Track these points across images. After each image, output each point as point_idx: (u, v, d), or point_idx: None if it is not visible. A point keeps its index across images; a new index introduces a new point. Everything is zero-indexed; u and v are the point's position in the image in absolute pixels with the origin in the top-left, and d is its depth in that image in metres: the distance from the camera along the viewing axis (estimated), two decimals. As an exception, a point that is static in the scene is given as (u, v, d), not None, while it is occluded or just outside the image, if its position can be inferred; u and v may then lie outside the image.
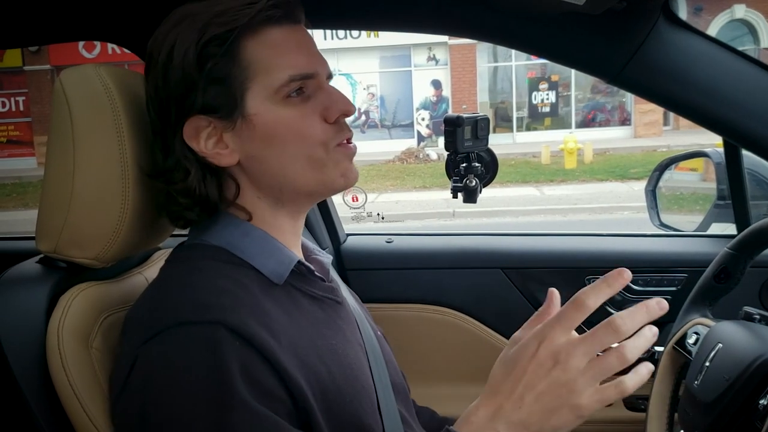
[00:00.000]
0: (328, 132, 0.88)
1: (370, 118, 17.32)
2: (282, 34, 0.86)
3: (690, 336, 1.27)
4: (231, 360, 0.73)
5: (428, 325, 1.79)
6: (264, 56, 0.85)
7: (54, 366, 0.85)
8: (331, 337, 0.88)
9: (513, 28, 1.21)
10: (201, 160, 0.87)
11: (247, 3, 0.84)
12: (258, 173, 0.89)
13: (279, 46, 0.86)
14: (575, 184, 11.02)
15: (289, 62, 0.85)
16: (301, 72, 0.86)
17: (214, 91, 0.84)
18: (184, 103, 0.85)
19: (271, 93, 0.85)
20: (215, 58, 0.83)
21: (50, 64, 15.77)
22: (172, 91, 0.85)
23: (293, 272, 0.89)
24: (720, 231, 1.88)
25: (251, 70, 0.84)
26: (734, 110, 1.12)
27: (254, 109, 0.85)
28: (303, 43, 0.88)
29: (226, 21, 0.83)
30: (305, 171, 0.88)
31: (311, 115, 0.87)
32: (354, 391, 0.85)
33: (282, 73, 0.85)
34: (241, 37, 0.84)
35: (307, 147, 0.87)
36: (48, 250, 0.94)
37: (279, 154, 0.87)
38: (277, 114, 0.85)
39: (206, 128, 0.86)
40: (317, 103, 0.88)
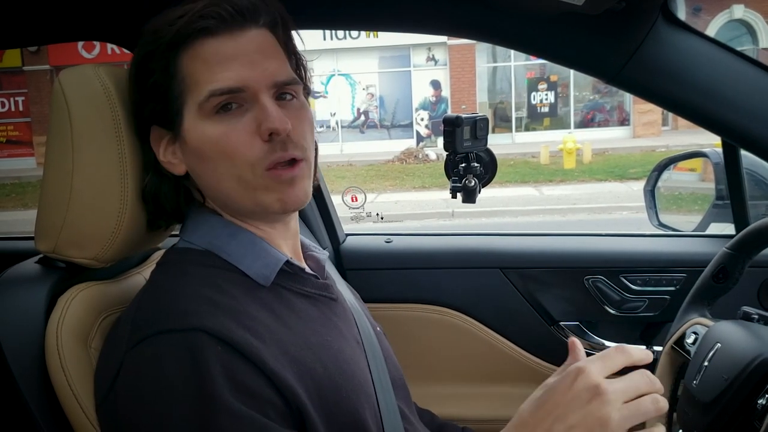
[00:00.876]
0: (258, 151, 0.83)
1: (370, 119, 17.32)
2: (214, 46, 0.83)
3: (689, 336, 1.27)
4: (213, 365, 0.73)
5: (427, 325, 1.79)
6: (194, 70, 0.84)
7: (53, 366, 0.85)
8: (325, 334, 0.88)
9: (512, 29, 1.21)
10: (160, 167, 0.89)
11: (178, 16, 0.83)
12: (202, 186, 0.90)
13: (208, 60, 0.83)
14: (574, 184, 11.02)
15: (214, 76, 0.82)
16: (223, 86, 0.82)
17: (159, 104, 0.86)
18: (140, 114, 0.89)
19: (196, 108, 0.84)
20: (155, 74, 0.85)
21: (49, 65, 15.76)
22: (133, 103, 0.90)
23: (284, 272, 0.89)
24: (719, 231, 1.88)
25: (185, 85, 0.84)
26: (733, 110, 1.13)
27: (186, 124, 0.85)
28: (238, 54, 0.83)
29: (156, 38, 0.84)
30: (238, 191, 0.86)
31: (238, 132, 0.83)
32: (350, 386, 0.85)
33: (204, 89, 0.83)
34: (179, 51, 0.84)
35: (234, 167, 0.83)
36: (47, 250, 0.94)
37: (211, 171, 0.86)
38: (203, 130, 0.84)
39: (165, 136, 0.88)
40: (251, 120, 0.83)
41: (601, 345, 1.74)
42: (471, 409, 1.74)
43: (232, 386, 0.73)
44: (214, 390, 0.72)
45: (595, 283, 1.73)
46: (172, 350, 0.74)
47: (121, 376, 0.77)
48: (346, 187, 7.62)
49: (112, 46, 12.07)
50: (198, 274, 0.85)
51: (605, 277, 1.73)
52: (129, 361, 0.77)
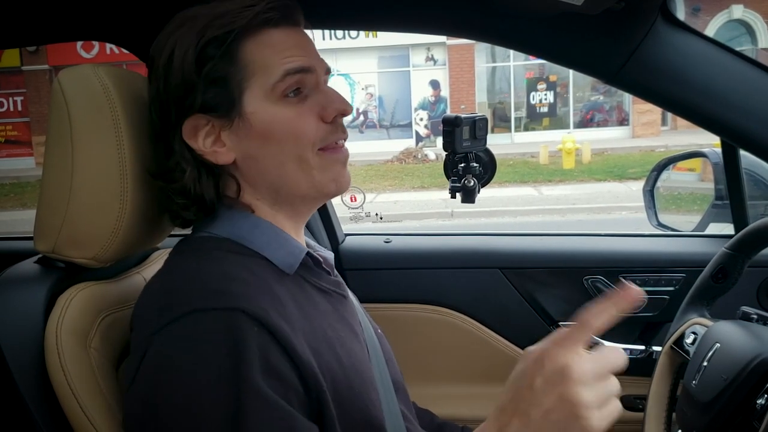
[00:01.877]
0: (322, 132, 0.88)
1: (369, 119, 17.31)
2: (279, 35, 0.87)
3: (688, 336, 1.27)
4: (250, 346, 0.73)
5: (426, 325, 1.79)
6: (261, 56, 0.86)
7: (52, 366, 0.85)
8: (339, 330, 0.89)
9: (511, 29, 1.22)
10: (198, 159, 0.88)
11: (246, 5, 0.85)
12: (254, 172, 0.89)
13: (275, 46, 0.87)
14: (573, 184, 11.03)
15: (285, 59, 0.86)
16: (298, 65, 0.86)
17: (213, 91, 0.85)
18: (184, 103, 0.86)
19: (268, 91, 0.86)
20: (214, 60, 0.85)
21: (48, 64, 15.76)
22: (172, 93, 0.86)
23: (301, 264, 0.90)
24: (718, 231, 1.88)
25: (249, 70, 0.86)
26: (732, 110, 1.13)
27: (251, 107, 0.86)
28: (300, 43, 0.89)
29: (224, 23, 0.84)
30: (297, 173, 0.88)
31: (307, 115, 0.87)
32: (361, 383, 0.86)
33: (277, 70, 0.86)
34: (239, 39, 0.85)
35: (300, 148, 0.87)
36: (46, 250, 0.94)
37: (275, 153, 0.87)
38: (274, 112, 0.86)
39: (204, 127, 0.87)
40: (314, 103, 0.88)
41: (600, 345, 1.74)
42: (470, 409, 1.74)
43: (264, 369, 0.73)
44: (249, 371, 0.72)
45: (595, 283, 1.73)
46: (210, 329, 0.74)
47: (150, 356, 0.76)
48: (345, 187, 7.60)
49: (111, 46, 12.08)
50: (225, 258, 0.85)
51: (604, 277, 1.73)
52: (160, 340, 0.75)
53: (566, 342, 0.69)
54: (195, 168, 0.88)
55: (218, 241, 0.88)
